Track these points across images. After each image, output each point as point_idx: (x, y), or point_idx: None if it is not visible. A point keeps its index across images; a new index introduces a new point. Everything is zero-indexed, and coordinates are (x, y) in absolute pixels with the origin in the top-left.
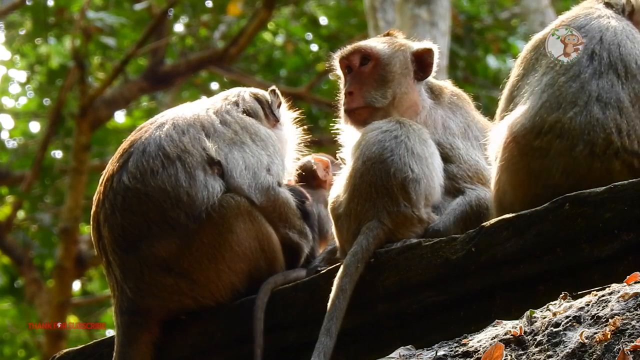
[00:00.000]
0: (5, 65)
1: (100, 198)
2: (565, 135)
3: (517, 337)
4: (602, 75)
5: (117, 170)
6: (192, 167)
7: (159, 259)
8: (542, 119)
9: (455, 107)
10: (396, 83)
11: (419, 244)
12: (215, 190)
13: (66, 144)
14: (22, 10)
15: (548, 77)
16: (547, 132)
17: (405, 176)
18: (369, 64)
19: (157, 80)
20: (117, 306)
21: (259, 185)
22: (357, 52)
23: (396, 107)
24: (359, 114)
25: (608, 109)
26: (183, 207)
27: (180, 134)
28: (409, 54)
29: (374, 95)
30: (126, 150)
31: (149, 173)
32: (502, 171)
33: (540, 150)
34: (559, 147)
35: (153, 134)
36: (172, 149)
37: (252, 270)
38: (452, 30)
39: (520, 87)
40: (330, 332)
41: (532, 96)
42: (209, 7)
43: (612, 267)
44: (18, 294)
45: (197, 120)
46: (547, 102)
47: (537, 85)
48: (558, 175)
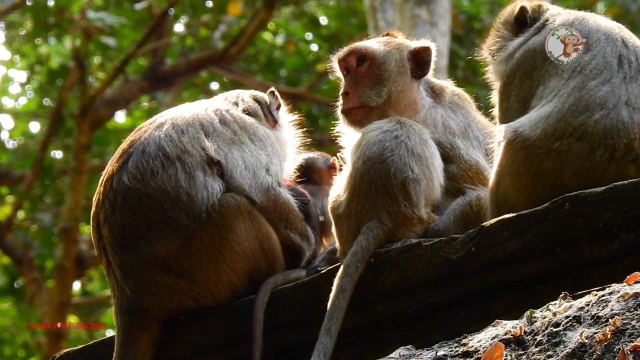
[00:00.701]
0: (5, 65)
1: (100, 198)
2: (587, 139)
3: (517, 337)
4: (632, 80)
5: (117, 170)
6: (192, 167)
7: (158, 258)
8: (566, 123)
9: (455, 107)
10: (392, 81)
11: (419, 244)
12: (214, 190)
13: (66, 144)
14: (22, 10)
15: (576, 81)
16: (569, 135)
17: (405, 176)
18: (364, 64)
19: (157, 80)
20: (117, 306)
21: (259, 185)
22: (353, 53)
23: (393, 105)
24: (354, 114)
25: (636, 113)
26: (183, 207)
27: (179, 133)
28: (406, 53)
29: (368, 95)
30: (125, 150)
31: (149, 173)
32: (503, 175)
33: (556, 153)
34: (577, 150)
35: (152, 134)
36: (171, 149)
37: (252, 270)
38: (452, 30)
39: (534, 92)
40: (331, 332)
41: (555, 99)
42: (209, 7)
43: (612, 267)
44: (18, 294)
45: (196, 120)
46: (574, 105)
47: (562, 89)
48: (569, 177)
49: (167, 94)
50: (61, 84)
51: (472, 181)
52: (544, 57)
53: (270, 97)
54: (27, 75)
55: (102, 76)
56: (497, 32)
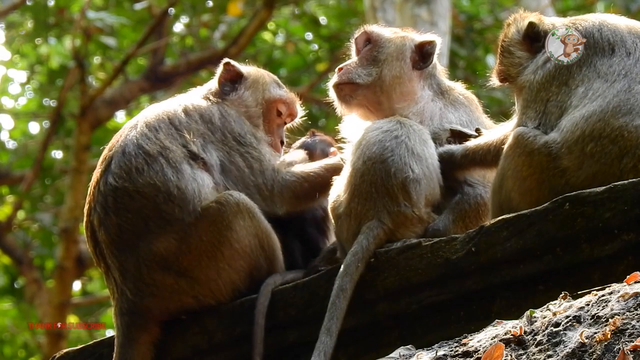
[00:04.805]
0: (5, 65)
1: (91, 205)
2: (619, 143)
3: (517, 337)
4: None
5: (102, 174)
6: (177, 161)
7: (158, 257)
8: (606, 123)
9: (459, 104)
10: (387, 64)
11: (419, 244)
12: (204, 182)
13: (66, 144)
14: (22, 10)
15: (622, 84)
16: (605, 136)
17: (405, 176)
18: (369, 45)
19: (157, 80)
20: (117, 308)
21: (271, 186)
22: (362, 34)
23: (386, 90)
24: (341, 88)
25: None
26: (175, 200)
27: (153, 131)
28: (411, 44)
29: (358, 72)
30: (106, 155)
31: (134, 171)
32: (506, 178)
33: (583, 155)
34: (603, 152)
35: (128, 135)
36: (150, 146)
37: (252, 268)
38: (452, 30)
39: (573, 93)
40: (331, 331)
41: (599, 99)
42: (209, 7)
43: (612, 267)
44: (18, 294)
45: (165, 115)
46: (618, 106)
47: (607, 90)
48: (582, 179)
49: (167, 94)
50: (61, 84)
51: (471, 180)
52: (579, 65)
53: (223, 71)
54: (27, 75)
55: (102, 76)
56: (510, 55)
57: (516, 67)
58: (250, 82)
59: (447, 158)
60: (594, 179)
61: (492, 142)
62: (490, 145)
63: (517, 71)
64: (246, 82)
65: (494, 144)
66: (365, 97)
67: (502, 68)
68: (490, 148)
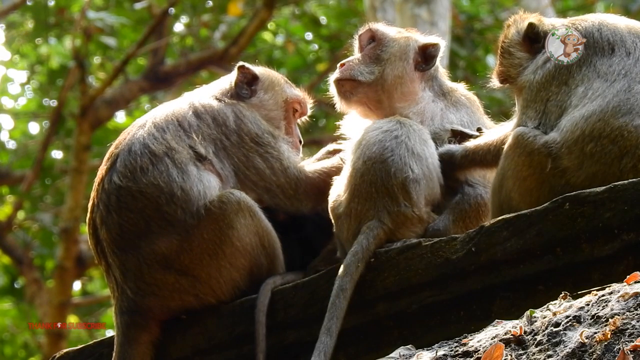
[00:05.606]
0: (5, 65)
1: (95, 202)
2: (619, 143)
3: (517, 337)
4: None
5: (107, 172)
6: (183, 162)
7: (159, 256)
8: (605, 123)
9: (460, 105)
10: (389, 64)
11: (419, 244)
12: (211, 184)
13: (66, 144)
14: (22, 10)
15: (622, 84)
16: (605, 136)
17: (405, 176)
18: (373, 43)
19: (157, 80)
20: (117, 307)
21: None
22: (367, 32)
23: (387, 89)
24: (341, 84)
25: None
26: (178, 202)
27: (161, 131)
28: (415, 45)
29: (361, 70)
30: (112, 153)
31: (138, 171)
32: (506, 178)
33: (583, 155)
34: (603, 152)
35: (136, 134)
36: (157, 146)
37: (252, 266)
38: (452, 30)
39: (573, 93)
40: (331, 331)
41: (598, 99)
42: (209, 7)
43: (612, 267)
44: (18, 294)
45: (174, 116)
46: (617, 106)
47: (607, 90)
48: (582, 178)
49: (167, 94)
50: (61, 84)
51: (471, 180)
52: (578, 65)
53: (239, 74)
54: (27, 75)
55: (102, 76)
56: (510, 56)
57: (516, 67)
58: (267, 84)
59: (447, 158)
60: (594, 179)
61: (492, 142)
62: (490, 145)
63: (517, 72)
64: (262, 84)
65: (494, 144)
66: (366, 95)
67: (502, 69)
68: (490, 148)
